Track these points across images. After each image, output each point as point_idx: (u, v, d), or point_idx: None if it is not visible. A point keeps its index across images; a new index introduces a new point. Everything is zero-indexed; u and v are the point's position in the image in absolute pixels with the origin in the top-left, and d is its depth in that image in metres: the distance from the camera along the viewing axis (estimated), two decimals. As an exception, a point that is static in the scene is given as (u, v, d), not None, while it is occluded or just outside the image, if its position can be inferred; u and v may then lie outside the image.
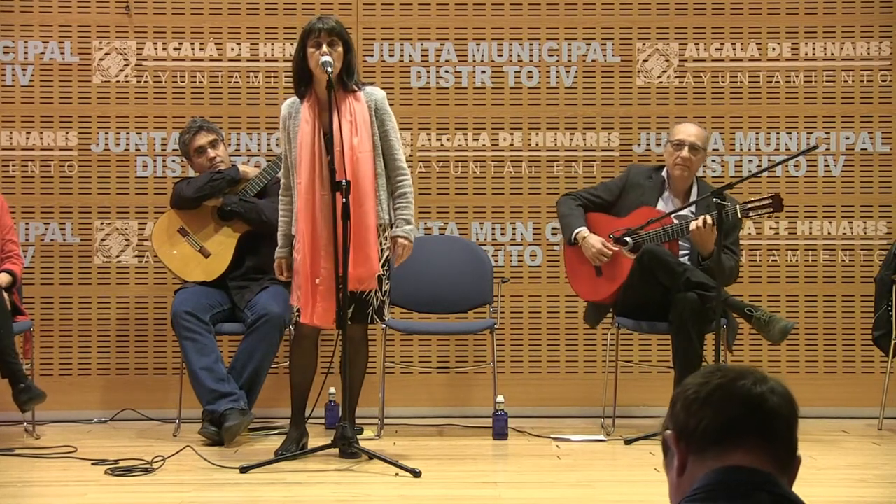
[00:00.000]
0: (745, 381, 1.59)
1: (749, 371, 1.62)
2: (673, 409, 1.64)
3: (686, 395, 1.61)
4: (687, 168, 5.34)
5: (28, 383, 5.07)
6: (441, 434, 5.53)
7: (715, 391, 1.59)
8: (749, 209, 5.06)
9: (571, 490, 4.26)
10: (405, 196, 4.79)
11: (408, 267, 5.76)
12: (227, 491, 4.22)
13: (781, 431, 1.58)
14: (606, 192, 5.50)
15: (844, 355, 6.05)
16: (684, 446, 1.61)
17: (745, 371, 1.61)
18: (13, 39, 5.99)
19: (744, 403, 1.58)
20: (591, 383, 5.90)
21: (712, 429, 1.58)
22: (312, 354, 4.90)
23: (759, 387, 1.59)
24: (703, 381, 1.61)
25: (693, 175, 5.41)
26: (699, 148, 5.34)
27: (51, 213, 5.98)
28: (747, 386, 1.59)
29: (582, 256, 5.41)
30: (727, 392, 1.59)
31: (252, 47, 6.04)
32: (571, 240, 5.40)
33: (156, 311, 5.98)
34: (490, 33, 6.08)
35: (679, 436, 1.62)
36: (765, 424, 1.57)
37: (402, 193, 4.79)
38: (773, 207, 5.03)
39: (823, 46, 6.09)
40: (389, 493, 4.14)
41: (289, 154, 4.78)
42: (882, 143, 6.08)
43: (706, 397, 1.59)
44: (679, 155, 5.32)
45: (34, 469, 4.68)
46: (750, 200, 5.14)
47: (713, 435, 1.58)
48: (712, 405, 1.59)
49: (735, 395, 1.58)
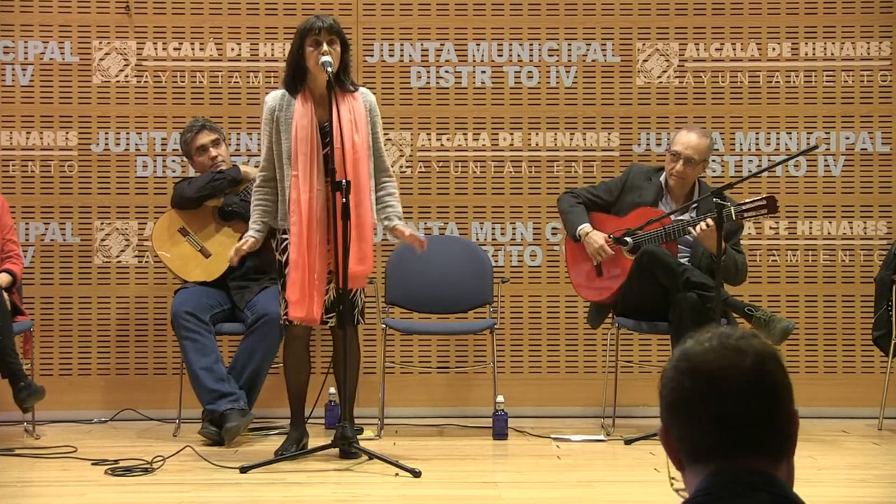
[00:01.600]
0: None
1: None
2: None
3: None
4: (682, 180, 5.35)
5: (27, 381, 5.07)
6: (441, 434, 5.53)
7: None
8: (743, 211, 5.06)
9: (571, 490, 4.26)
10: (394, 195, 4.87)
11: (408, 267, 5.76)
12: (227, 491, 4.22)
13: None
14: (606, 193, 5.50)
15: (844, 355, 6.05)
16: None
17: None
18: (13, 39, 5.99)
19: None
20: (591, 383, 5.90)
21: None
22: (305, 355, 4.90)
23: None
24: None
25: (689, 184, 5.41)
26: (695, 161, 5.31)
27: (51, 213, 5.98)
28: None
29: (583, 253, 5.41)
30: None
31: (252, 47, 6.04)
32: (576, 235, 5.40)
33: (156, 311, 5.98)
34: (490, 33, 6.08)
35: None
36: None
37: (391, 193, 4.86)
38: (767, 209, 5.03)
39: (823, 46, 6.09)
40: (389, 493, 4.14)
41: (276, 146, 4.76)
42: (882, 143, 6.08)
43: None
44: (675, 167, 5.33)
45: (34, 469, 4.68)
46: (744, 202, 5.13)
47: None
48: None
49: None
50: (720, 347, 1.58)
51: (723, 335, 1.59)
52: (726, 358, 1.56)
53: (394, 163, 6.02)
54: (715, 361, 1.56)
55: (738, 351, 1.57)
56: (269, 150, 4.78)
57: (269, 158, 4.78)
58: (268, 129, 4.78)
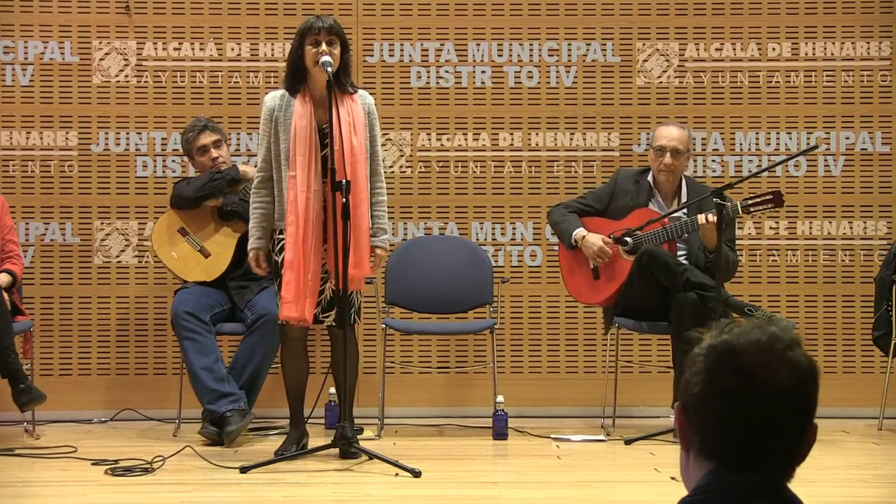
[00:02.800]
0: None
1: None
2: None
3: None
4: (671, 173, 5.37)
5: (28, 384, 5.07)
6: (441, 434, 5.53)
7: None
8: (750, 205, 5.08)
9: (571, 490, 4.26)
10: (382, 204, 4.85)
11: (408, 267, 5.76)
12: (227, 491, 4.22)
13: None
14: (596, 201, 5.52)
15: (844, 355, 6.05)
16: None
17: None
18: (13, 39, 5.99)
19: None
20: (591, 383, 5.90)
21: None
22: (303, 356, 4.91)
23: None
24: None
25: (678, 177, 5.42)
26: (681, 152, 5.35)
27: (51, 213, 5.98)
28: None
29: (579, 259, 5.42)
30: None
31: (252, 47, 6.04)
32: (572, 242, 5.40)
33: (156, 311, 5.98)
34: (490, 33, 6.08)
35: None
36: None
37: (380, 201, 4.84)
38: (774, 203, 5.05)
39: (823, 46, 6.09)
40: (389, 493, 4.14)
41: (274, 146, 4.76)
42: (882, 143, 6.08)
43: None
44: (662, 161, 5.34)
45: (34, 469, 4.68)
46: (751, 196, 5.16)
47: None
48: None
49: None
50: (769, 352, 1.54)
51: (773, 338, 1.55)
52: (771, 367, 1.53)
53: (394, 163, 6.02)
54: (762, 368, 1.53)
55: (785, 363, 1.54)
56: (268, 151, 4.77)
57: (268, 159, 4.78)
58: (266, 129, 4.77)
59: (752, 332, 1.56)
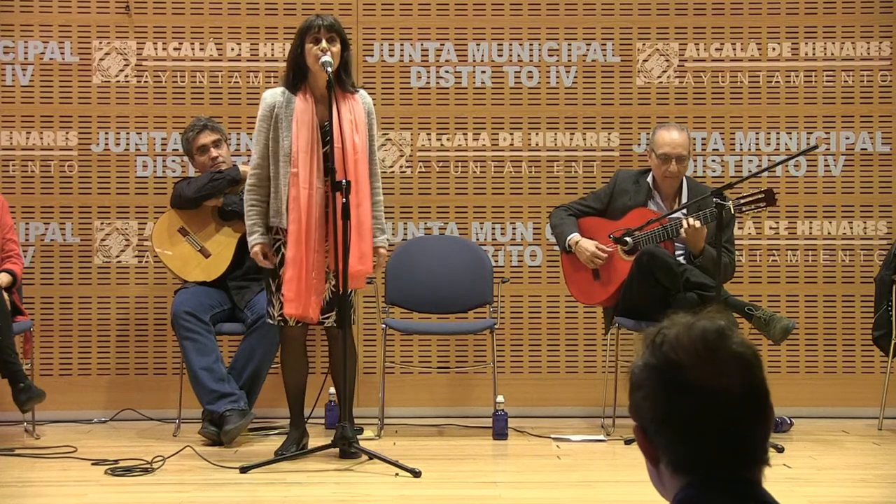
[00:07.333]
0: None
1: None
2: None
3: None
4: (676, 178, 5.39)
5: (28, 383, 5.07)
6: (441, 434, 5.53)
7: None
8: (742, 204, 5.09)
9: (571, 490, 4.26)
10: (379, 204, 4.86)
11: (408, 267, 5.76)
12: (227, 491, 4.22)
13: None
14: (596, 201, 5.53)
15: (844, 355, 6.05)
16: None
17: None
18: (13, 39, 5.99)
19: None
20: (591, 383, 5.90)
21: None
22: (302, 355, 4.91)
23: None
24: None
25: (681, 179, 5.44)
26: (685, 157, 5.39)
27: (51, 213, 5.98)
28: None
29: (578, 262, 5.43)
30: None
31: (252, 47, 6.04)
32: (566, 247, 5.43)
33: (156, 311, 5.97)
34: (490, 33, 6.08)
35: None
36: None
37: (378, 201, 4.85)
38: (766, 201, 5.06)
39: (823, 46, 6.08)
40: (389, 493, 4.14)
41: (273, 143, 4.74)
42: (882, 143, 6.08)
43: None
44: (668, 168, 5.34)
45: (34, 469, 4.68)
46: (742, 195, 5.16)
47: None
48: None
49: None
50: (711, 357, 1.51)
51: (706, 336, 1.52)
52: (719, 371, 1.51)
53: (394, 163, 6.02)
54: (711, 377, 1.51)
55: (729, 361, 1.51)
56: (265, 148, 4.75)
57: (265, 156, 4.75)
58: (265, 125, 4.76)
59: (683, 339, 1.54)
